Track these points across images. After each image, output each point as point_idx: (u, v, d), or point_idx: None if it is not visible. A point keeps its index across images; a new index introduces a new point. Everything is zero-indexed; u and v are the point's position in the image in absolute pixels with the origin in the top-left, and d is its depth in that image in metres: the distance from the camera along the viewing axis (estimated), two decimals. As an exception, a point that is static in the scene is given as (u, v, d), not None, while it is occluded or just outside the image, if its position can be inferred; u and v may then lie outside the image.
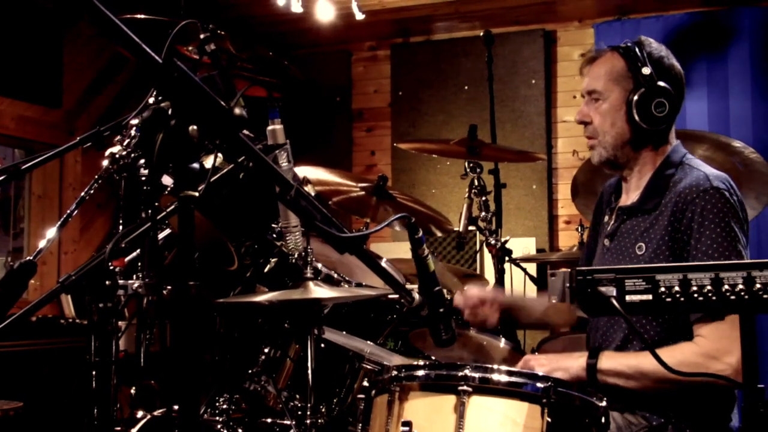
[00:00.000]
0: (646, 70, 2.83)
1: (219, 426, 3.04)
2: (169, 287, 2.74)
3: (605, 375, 2.71)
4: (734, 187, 2.76)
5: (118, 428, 3.04)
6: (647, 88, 2.82)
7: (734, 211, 2.70)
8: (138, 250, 2.76)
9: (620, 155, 2.92)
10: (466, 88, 6.95)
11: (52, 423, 4.48)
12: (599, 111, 2.91)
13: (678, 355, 2.61)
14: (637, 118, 2.83)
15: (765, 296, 1.76)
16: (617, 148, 2.91)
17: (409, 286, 2.35)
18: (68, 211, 2.72)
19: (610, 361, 2.72)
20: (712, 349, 2.62)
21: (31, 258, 2.16)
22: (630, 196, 2.96)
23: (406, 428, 2.20)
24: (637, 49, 2.87)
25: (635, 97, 2.83)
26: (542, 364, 2.78)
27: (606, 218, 3.06)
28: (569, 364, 2.76)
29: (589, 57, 2.99)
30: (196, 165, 1.66)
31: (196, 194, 1.64)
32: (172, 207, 1.96)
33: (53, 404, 4.49)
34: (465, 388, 2.22)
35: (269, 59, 3.89)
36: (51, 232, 2.67)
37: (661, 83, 2.83)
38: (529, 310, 3.39)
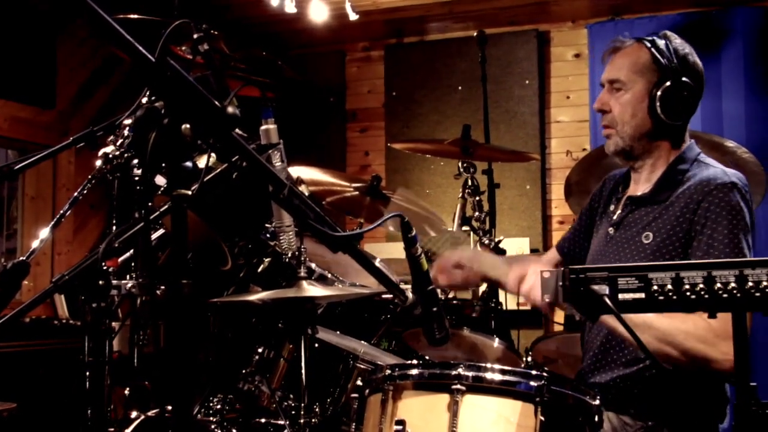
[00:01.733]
0: (673, 64, 2.83)
1: (213, 426, 3.04)
2: (162, 287, 2.74)
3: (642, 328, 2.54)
4: (748, 185, 2.78)
5: (112, 429, 3.04)
6: (673, 82, 2.83)
7: (749, 208, 2.73)
8: (131, 251, 2.76)
9: (637, 146, 2.91)
10: (459, 88, 6.95)
11: (46, 424, 4.46)
12: (620, 101, 2.90)
13: (690, 324, 2.55)
14: (659, 111, 2.83)
15: (757, 294, 1.77)
16: (635, 140, 2.90)
17: (402, 285, 2.35)
18: (61, 212, 2.72)
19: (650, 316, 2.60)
20: (722, 330, 2.51)
21: (25, 258, 2.16)
22: (640, 186, 2.95)
23: (400, 427, 2.21)
24: (664, 43, 2.87)
25: (659, 91, 2.83)
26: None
27: (612, 207, 3.05)
28: None
29: (613, 46, 2.98)
30: (189, 164, 1.66)
31: (190, 194, 1.64)
32: (166, 207, 1.96)
33: (47, 405, 4.47)
34: (458, 386, 2.23)
35: (263, 59, 3.89)
36: (44, 233, 2.67)
37: (686, 79, 2.84)
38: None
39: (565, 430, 2.27)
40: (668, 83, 2.82)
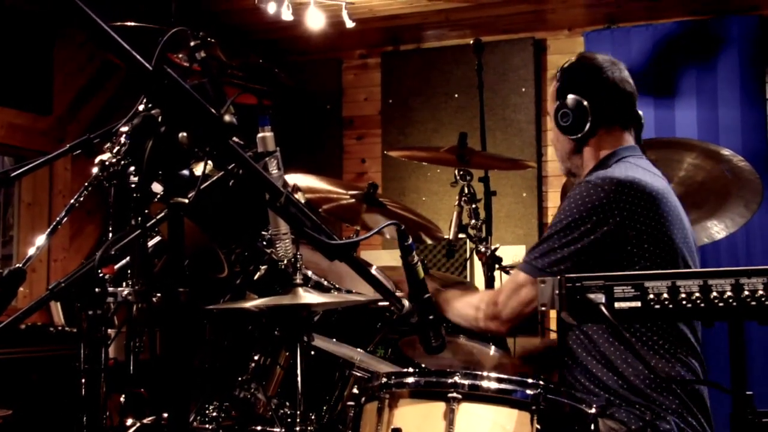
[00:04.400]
0: (555, 85, 3.03)
1: (209, 433, 3.04)
2: (158, 295, 2.74)
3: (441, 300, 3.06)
4: (616, 185, 2.74)
5: (108, 436, 3.03)
6: (557, 101, 3.00)
7: (585, 203, 2.73)
8: (128, 258, 2.76)
9: (571, 165, 3.10)
10: (456, 96, 6.96)
11: (41, 431, 4.46)
12: (551, 129, 3.13)
13: (475, 297, 3.06)
14: (560, 131, 3.01)
15: (753, 303, 1.77)
16: (565, 160, 3.11)
17: (398, 293, 2.35)
18: (58, 219, 2.72)
19: (460, 298, 3.09)
20: (482, 299, 2.99)
21: (21, 265, 2.16)
22: None
23: (396, 435, 2.21)
24: (566, 66, 3.05)
25: (554, 113, 3.01)
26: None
27: None
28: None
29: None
30: (186, 172, 1.66)
31: (186, 201, 1.64)
32: (162, 214, 1.96)
33: (42, 412, 4.47)
34: (455, 395, 2.23)
35: (260, 67, 3.89)
36: (40, 240, 2.67)
37: (572, 95, 2.95)
38: None
39: (562, 438, 2.27)
40: (557, 103, 3.00)
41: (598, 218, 2.71)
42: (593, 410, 2.30)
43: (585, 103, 2.94)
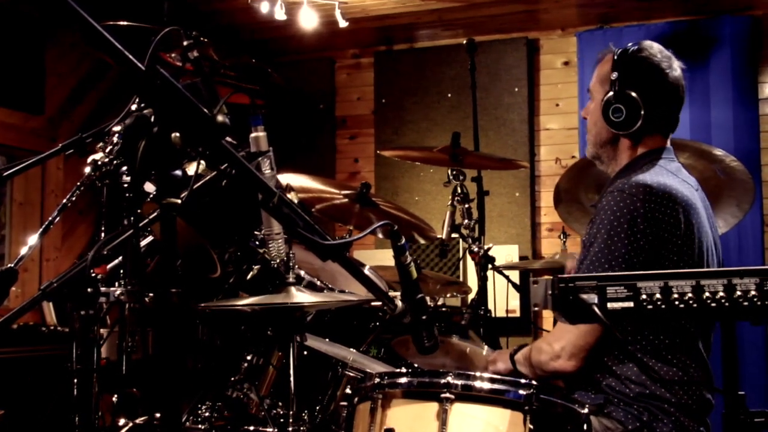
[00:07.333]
0: (614, 76, 2.91)
1: (201, 434, 3.03)
2: (151, 294, 2.74)
3: (518, 364, 2.93)
4: (649, 194, 2.72)
5: (100, 436, 3.03)
6: (613, 93, 2.90)
7: (624, 215, 2.70)
8: (120, 258, 2.76)
9: (602, 153, 3.04)
10: (449, 95, 6.96)
11: (33, 431, 4.45)
12: (590, 110, 3.06)
13: (527, 351, 2.90)
14: (605, 120, 2.92)
15: (745, 303, 1.77)
16: (597, 146, 3.04)
17: (391, 293, 2.35)
18: (50, 218, 2.71)
19: (520, 353, 2.94)
20: (541, 341, 2.86)
21: (13, 265, 2.15)
22: None
23: (389, 436, 2.21)
24: (630, 53, 2.94)
25: (603, 101, 2.92)
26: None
27: None
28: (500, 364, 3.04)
29: (598, 57, 3.10)
30: (178, 172, 1.66)
31: (179, 201, 1.64)
32: (155, 214, 1.95)
33: (35, 412, 4.46)
34: (447, 395, 2.23)
35: (252, 66, 3.88)
36: (32, 239, 2.66)
37: (628, 90, 2.87)
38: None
39: (554, 438, 2.27)
40: (610, 94, 2.90)
41: (637, 228, 2.68)
42: (585, 410, 2.30)
43: (641, 107, 2.87)
